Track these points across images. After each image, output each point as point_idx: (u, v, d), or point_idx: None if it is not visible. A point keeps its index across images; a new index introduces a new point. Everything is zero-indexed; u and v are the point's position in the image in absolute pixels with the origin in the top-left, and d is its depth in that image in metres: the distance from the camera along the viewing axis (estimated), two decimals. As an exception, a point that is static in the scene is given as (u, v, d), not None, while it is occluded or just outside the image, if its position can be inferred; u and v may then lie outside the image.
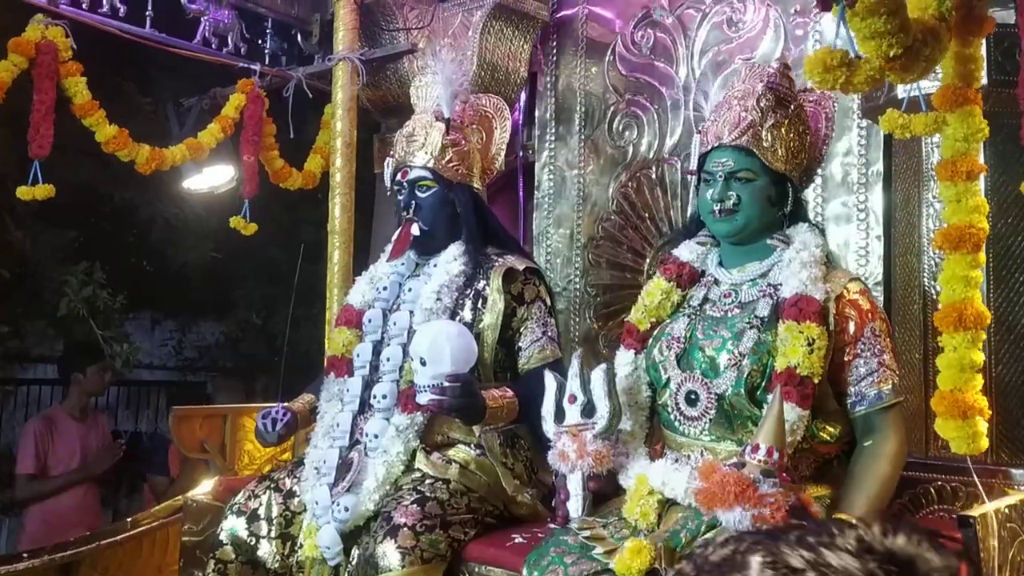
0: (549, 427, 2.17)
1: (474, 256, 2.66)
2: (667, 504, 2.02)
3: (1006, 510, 1.85)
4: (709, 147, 2.14)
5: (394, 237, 2.76)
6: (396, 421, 2.46)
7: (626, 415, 2.15)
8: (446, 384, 2.28)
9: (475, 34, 3.56)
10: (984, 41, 2.03)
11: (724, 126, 2.11)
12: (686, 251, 2.29)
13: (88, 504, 4.66)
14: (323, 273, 3.54)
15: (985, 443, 1.83)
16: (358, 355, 2.64)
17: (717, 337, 2.07)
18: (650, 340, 2.22)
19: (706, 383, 2.04)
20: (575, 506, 2.09)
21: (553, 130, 3.81)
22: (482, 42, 3.56)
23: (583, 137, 3.73)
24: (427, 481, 2.41)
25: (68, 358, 5.19)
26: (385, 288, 2.73)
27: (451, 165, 2.68)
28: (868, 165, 2.99)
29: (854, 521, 0.80)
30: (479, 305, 2.60)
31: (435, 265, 2.68)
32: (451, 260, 2.65)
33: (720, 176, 2.11)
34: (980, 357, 1.85)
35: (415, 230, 2.67)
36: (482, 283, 2.63)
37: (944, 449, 2.53)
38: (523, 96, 3.91)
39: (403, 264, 2.76)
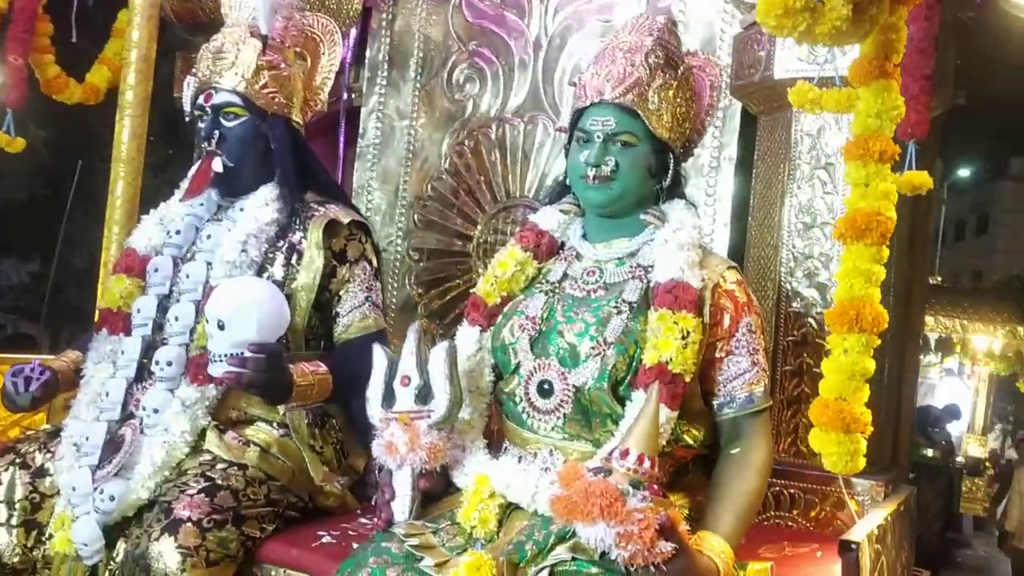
0: (375, 412, 1.83)
1: (290, 202, 2.29)
2: (509, 509, 1.75)
3: (876, 531, 1.72)
4: (587, 103, 1.87)
5: (191, 172, 2.33)
6: (182, 394, 2.06)
7: (465, 402, 1.86)
8: (248, 355, 1.92)
9: (307, -50, 3.12)
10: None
11: (606, 80, 1.84)
12: (546, 219, 2.02)
13: None
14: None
15: (863, 462, 1.66)
16: (139, 310, 2.20)
17: (579, 321, 1.81)
18: (499, 317, 1.93)
19: (563, 373, 1.78)
20: (401, 507, 1.77)
21: (385, 74, 3.43)
22: (314, -40, 3.12)
23: (418, 85, 3.39)
24: (219, 466, 2.02)
25: None
26: (178, 232, 2.31)
27: (266, 91, 2.29)
28: (721, 148, 2.85)
29: None
30: (293, 261, 2.25)
31: (242, 209, 2.29)
32: (262, 205, 2.28)
33: (598, 137, 1.84)
34: (872, 364, 1.68)
35: (217, 165, 2.26)
36: (298, 235, 2.27)
37: (784, 453, 2.43)
38: (354, 32, 3.49)
39: (202, 205, 2.35)
